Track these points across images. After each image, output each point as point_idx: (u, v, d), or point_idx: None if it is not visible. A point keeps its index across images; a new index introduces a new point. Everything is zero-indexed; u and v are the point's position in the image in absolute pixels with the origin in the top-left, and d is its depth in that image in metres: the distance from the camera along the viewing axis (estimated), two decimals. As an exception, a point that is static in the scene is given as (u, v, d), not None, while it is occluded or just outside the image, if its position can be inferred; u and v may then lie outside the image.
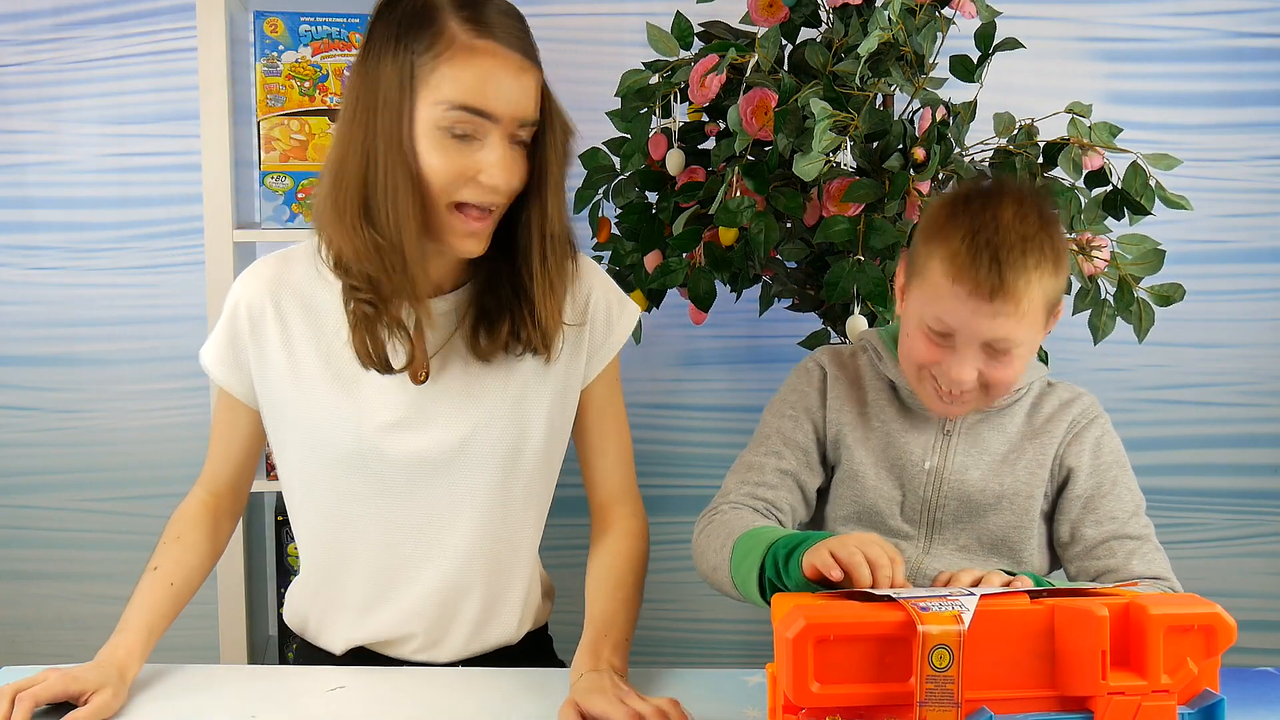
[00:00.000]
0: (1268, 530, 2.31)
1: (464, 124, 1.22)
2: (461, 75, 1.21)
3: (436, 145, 1.22)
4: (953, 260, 1.24)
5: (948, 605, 0.99)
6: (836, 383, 1.43)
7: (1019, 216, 1.24)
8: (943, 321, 1.26)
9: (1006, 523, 1.37)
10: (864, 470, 1.39)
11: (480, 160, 1.23)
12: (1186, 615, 1.00)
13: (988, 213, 1.24)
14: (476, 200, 1.25)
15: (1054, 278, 1.26)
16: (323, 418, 1.33)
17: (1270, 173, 2.22)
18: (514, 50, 1.23)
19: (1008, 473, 1.37)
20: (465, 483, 1.36)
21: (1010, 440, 1.38)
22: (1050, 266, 1.25)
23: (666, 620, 2.33)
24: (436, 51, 1.21)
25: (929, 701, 0.97)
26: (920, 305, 1.29)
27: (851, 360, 1.45)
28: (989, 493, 1.36)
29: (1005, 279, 1.22)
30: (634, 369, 2.22)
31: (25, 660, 2.11)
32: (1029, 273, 1.23)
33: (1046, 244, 1.25)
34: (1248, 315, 2.25)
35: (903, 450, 1.38)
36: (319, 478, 1.37)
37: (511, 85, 1.23)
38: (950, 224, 1.26)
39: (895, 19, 1.54)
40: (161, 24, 2.10)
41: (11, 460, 2.19)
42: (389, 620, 1.40)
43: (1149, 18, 2.18)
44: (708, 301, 1.71)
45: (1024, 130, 1.69)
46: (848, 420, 1.41)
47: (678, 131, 1.76)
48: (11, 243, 2.14)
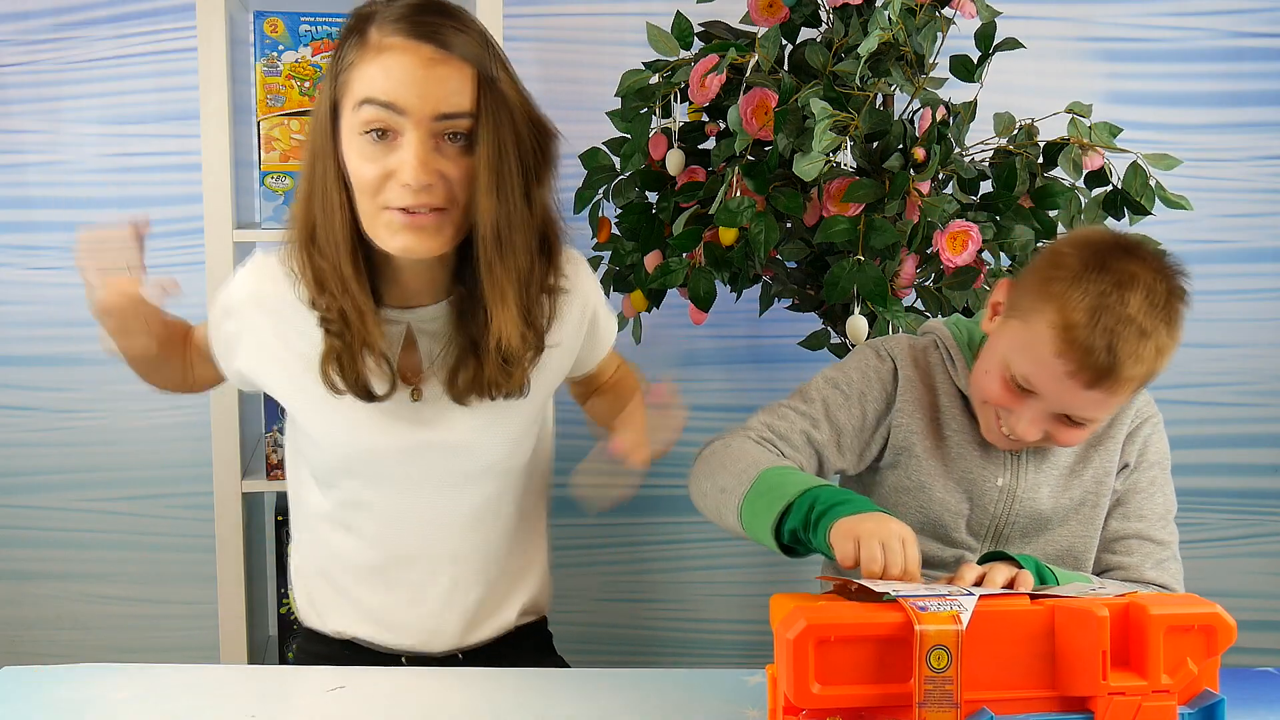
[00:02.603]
0: (1268, 530, 2.31)
1: (375, 121, 1.18)
2: (368, 71, 1.19)
3: (359, 150, 1.20)
4: (1065, 332, 1.16)
5: (946, 605, 0.99)
6: (909, 385, 1.36)
7: (1148, 304, 1.16)
8: (1030, 383, 1.21)
9: (1074, 533, 1.35)
10: (932, 482, 1.34)
11: (397, 159, 1.19)
12: (1186, 615, 1.00)
13: (1120, 293, 1.16)
14: (400, 203, 1.20)
15: (1161, 363, 1.20)
16: (318, 424, 1.34)
17: (1270, 173, 2.22)
18: (428, 43, 1.18)
19: (1076, 484, 1.34)
20: (461, 487, 1.37)
21: (1077, 450, 1.34)
22: (1163, 357, 1.19)
23: (666, 620, 2.33)
24: (351, 60, 1.20)
25: (928, 702, 0.97)
26: (1011, 349, 1.22)
27: (924, 357, 1.38)
28: (1059, 508, 1.34)
29: (1114, 371, 1.16)
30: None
31: (25, 660, 2.10)
32: (1139, 365, 1.17)
33: (1165, 336, 1.17)
34: (1248, 315, 2.25)
35: (974, 465, 1.34)
36: (318, 473, 1.38)
37: (422, 75, 1.18)
38: (1075, 286, 1.17)
39: (895, 19, 1.54)
40: (162, 24, 2.10)
41: (11, 460, 2.19)
42: (387, 615, 1.41)
43: (1149, 18, 2.18)
44: (708, 301, 1.71)
45: (1024, 130, 1.69)
46: (918, 429, 1.35)
47: (678, 131, 1.76)
48: (11, 243, 2.14)
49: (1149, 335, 1.16)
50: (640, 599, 2.26)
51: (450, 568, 1.40)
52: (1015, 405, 1.24)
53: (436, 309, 1.32)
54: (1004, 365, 1.23)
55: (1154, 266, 1.19)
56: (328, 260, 1.23)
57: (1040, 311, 1.19)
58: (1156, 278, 1.18)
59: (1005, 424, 1.26)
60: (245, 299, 1.35)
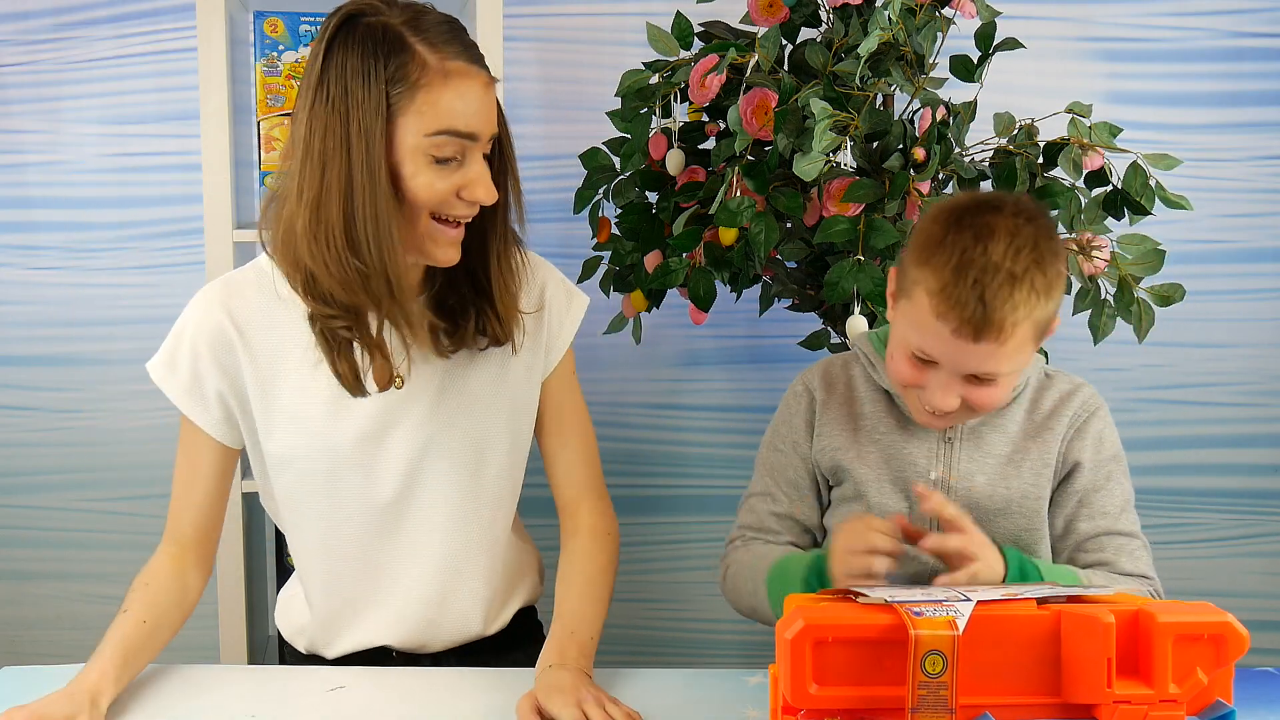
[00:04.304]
0: (1268, 530, 2.31)
1: (449, 147, 1.23)
2: (442, 100, 1.22)
3: (421, 170, 1.23)
4: (939, 295, 1.19)
5: (943, 610, 0.98)
6: (826, 407, 1.41)
7: (1012, 250, 1.18)
8: (926, 352, 1.24)
9: (1017, 526, 1.36)
10: (868, 488, 1.37)
11: (463, 178, 1.25)
12: (1195, 624, 0.99)
13: (979, 245, 1.18)
14: (460, 215, 1.27)
15: (1045, 305, 1.21)
16: (295, 438, 1.34)
17: (1270, 173, 2.22)
18: (480, 66, 1.26)
19: (1014, 475, 1.36)
20: (437, 484, 1.37)
21: (1013, 440, 1.37)
22: (1041, 297, 1.20)
23: (666, 620, 2.33)
24: (413, 79, 1.21)
25: (921, 708, 0.96)
26: (906, 327, 1.26)
27: (844, 372, 1.43)
28: (997, 498, 1.35)
29: (991, 319, 1.18)
30: (634, 369, 2.22)
31: (25, 660, 2.11)
32: (1017, 310, 1.18)
33: (1038, 276, 1.19)
34: (1248, 315, 2.25)
35: (906, 462, 1.37)
36: (300, 494, 1.38)
37: (485, 103, 1.25)
38: (939, 251, 1.20)
39: (895, 19, 1.54)
40: (162, 24, 2.10)
41: (11, 460, 2.19)
42: (378, 624, 1.41)
43: (1149, 18, 2.18)
44: (708, 301, 1.71)
45: (1024, 130, 1.69)
46: (842, 443, 1.39)
47: (678, 131, 1.76)
48: (11, 243, 2.14)
49: (1020, 279, 1.18)
50: (640, 599, 2.25)
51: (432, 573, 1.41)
52: (923, 379, 1.27)
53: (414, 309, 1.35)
54: (904, 344, 1.27)
55: (1012, 213, 1.21)
56: (370, 263, 1.24)
57: (917, 283, 1.23)
58: (1017, 223, 1.20)
59: (924, 400, 1.29)
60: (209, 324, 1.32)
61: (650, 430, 2.24)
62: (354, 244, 1.23)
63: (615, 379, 2.21)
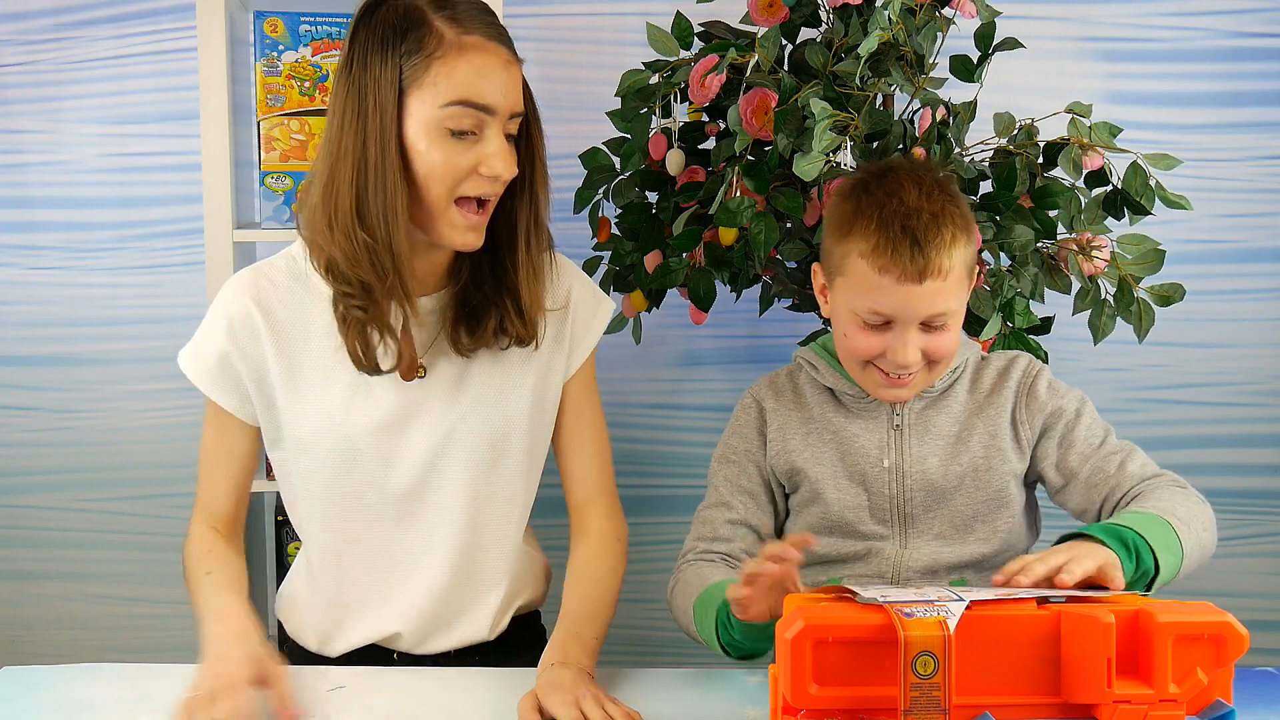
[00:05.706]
0: (1268, 530, 2.31)
1: (465, 119, 1.24)
2: (457, 71, 1.23)
3: (436, 143, 1.24)
4: (874, 252, 1.27)
5: (933, 611, 0.98)
6: (775, 414, 1.44)
7: (924, 194, 1.28)
8: (878, 312, 1.29)
9: (973, 499, 1.39)
10: (824, 486, 1.40)
11: (479, 153, 1.26)
12: (1195, 624, 0.99)
13: (894, 199, 1.28)
14: (478, 192, 1.28)
15: (968, 243, 1.31)
16: (316, 422, 1.34)
17: (1270, 173, 2.22)
18: (502, 44, 1.27)
19: (963, 450, 1.39)
20: (453, 477, 1.38)
21: (959, 419, 1.40)
22: (964, 235, 1.30)
23: (667, 620, 2.31)
24: (428, 51, 1.23)
25: (914, 709, 0.96)
26: (850, 300, 1.31)
27: (789, 381, 1.47)
28: (951, 475, 1.38)
29: (930, 257, 1.26)
30: (634, 369, 2.22)
31: (25, 660, 2.10)
32: (947, 245, 1.27)
33: (955, 213, 1.29)
34: (1248, 315, 2.25)
35: (859, 454, 1.40)
36: (315, 482, 1.38)
37: (505, 78, 1.26)
38: (859, 218, 1.29)
39: (895, 19, 1.54)
40: (162, 24, 2.10)
41: (11, 460, 2.19)
42: (384, 619, 1.42)
43: (1149, 18, 2.17)
44: (708, 301, 1.71)
45: (1024, 130, 1.69)
46: (795, 445, 1.42)
47: (678, 131, 1.76)
48: (11, 243, 2.14)
49: (940, 215, 1.28)
50: (640, 599, 2.25)
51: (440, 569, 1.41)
52: (882, 343, 1.31)
53: (430, 300, 1.36)
54: (852, 317, 1.32)
55: (909, 167, 1.34)
56: (378, 238, 1.25)
57: (848, 254, 1.30)
58: (918, 173, 1.32)
59: (888, 367, 1.32)
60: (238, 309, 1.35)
61: (650, 430, 2.24)
62: (363, 217, 1.25)
63: (615, 379, 2.21)
